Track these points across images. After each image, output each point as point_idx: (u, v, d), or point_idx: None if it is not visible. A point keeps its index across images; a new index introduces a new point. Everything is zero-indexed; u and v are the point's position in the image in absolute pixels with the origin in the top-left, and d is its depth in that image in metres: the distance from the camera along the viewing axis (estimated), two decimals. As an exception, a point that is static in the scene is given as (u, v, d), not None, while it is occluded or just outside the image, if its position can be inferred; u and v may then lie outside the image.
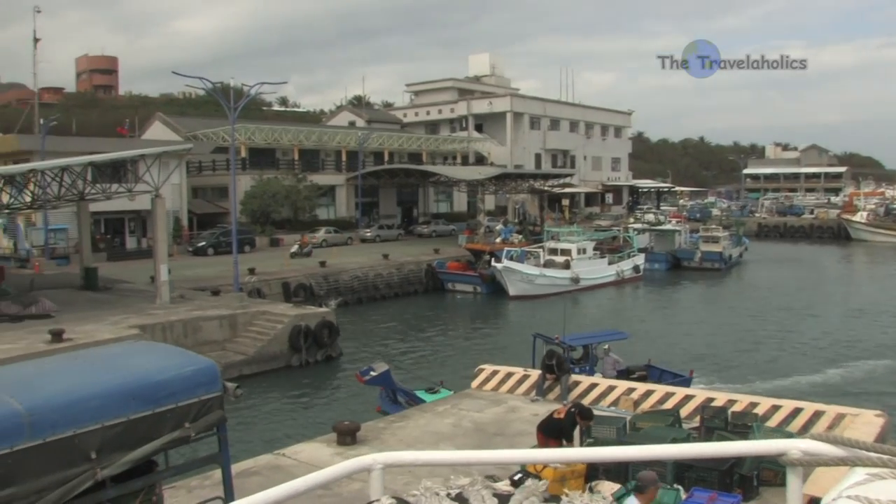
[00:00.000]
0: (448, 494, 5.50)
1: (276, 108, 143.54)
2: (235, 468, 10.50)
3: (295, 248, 55.23)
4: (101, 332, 26.86)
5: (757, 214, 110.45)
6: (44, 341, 25.35)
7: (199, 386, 8.53)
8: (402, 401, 21.86)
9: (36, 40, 70.60)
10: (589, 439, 13.49)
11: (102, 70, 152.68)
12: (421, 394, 22.35)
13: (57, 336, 25.39)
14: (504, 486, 5.95)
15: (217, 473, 12.90)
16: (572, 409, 13.63)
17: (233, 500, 9.30)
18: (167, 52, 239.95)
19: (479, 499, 5.42)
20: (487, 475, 10.78)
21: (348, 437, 15.87)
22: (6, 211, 38.51)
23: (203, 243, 59.88)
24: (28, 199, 36.88)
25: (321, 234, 66.80)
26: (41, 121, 60.40)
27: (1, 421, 7.29)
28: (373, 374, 21.68)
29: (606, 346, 24.12)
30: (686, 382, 23.68)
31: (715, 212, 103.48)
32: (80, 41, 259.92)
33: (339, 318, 34.47)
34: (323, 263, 49.37)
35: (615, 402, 17.44)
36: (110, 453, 7.84)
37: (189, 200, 67.87)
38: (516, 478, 11.20)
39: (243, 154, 71.40)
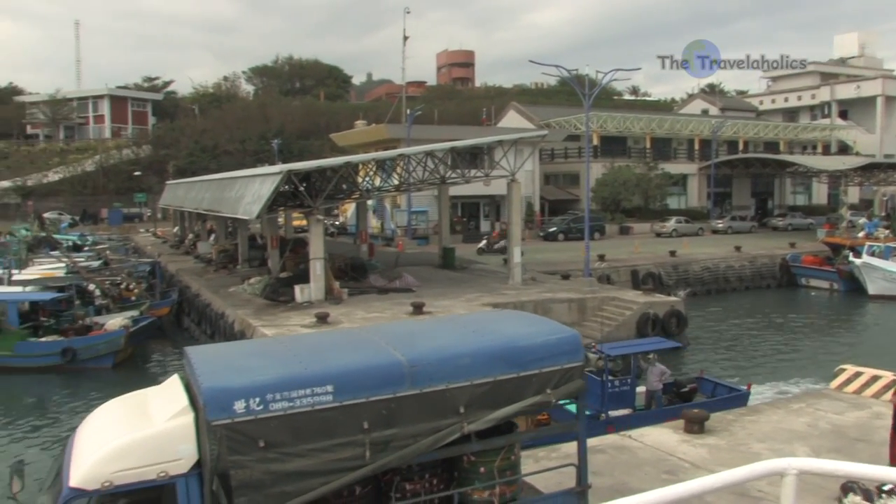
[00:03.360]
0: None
1: (627, 96, 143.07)
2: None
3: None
4: (456, 308, 28.26)
5: None
6: (406, 312, 27.21)
7: (562, 354, 8.76)
8: None
9: (405, 38, 75.88)
10: None
11: (460, 63, 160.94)
12: None
13: (418, 308, 27.13)
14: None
15: (564, 447, 13.21)
16: None
17: (587, 469, 9.47)
18: (519, 45, 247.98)
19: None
20: (850, 481, 10.09)
21: (696, 426, 15.50)
22: (376, 193, 41.73)
23: (554, 229, 61.46)
24: (395, 182, 39.73)
25: (671, 223, 66.07)
26: (407, 111, 64.79)
27: (387, 369, 8.02)
28: None
29: (651, 356, 21.52)
30: (743, 398, 21.17)
31: None
32: (440, 38, 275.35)
33: (687, 308, 33.77)
34: (673, 253, 48.69)
35: None
36: (477, 410, 8.29)
37: (541, 187, 69.74)
38: (886, 488, 10.37)
39: (595, 142, 72.00)
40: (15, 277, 35.56)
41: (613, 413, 19.06)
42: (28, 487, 8.73)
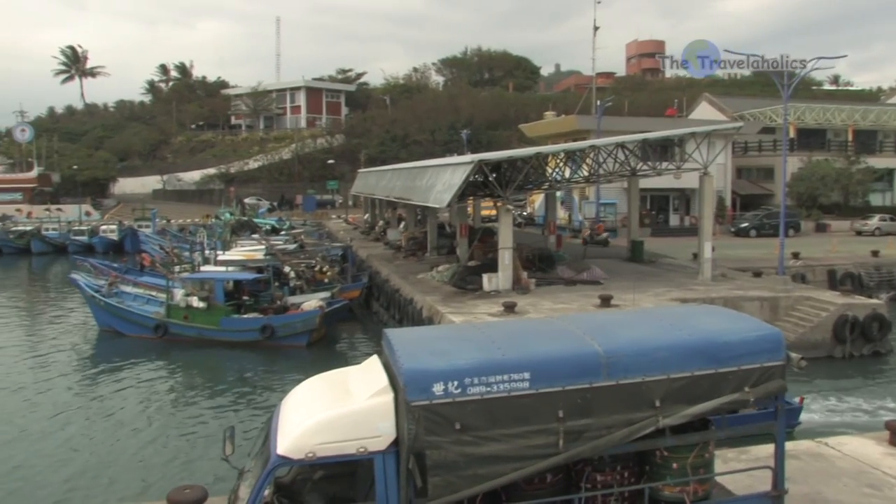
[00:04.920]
0: None
1: (827, 86, 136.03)
2: (769, 449, 10.23)
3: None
4: (644, 302, 27.74)
5: None
6: (593, 305, 27.02)
7: (762, 352, 8.53)
8: None
9: (595, 29, 75.10)
10: None
11: (650, 54, 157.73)
12: None
13: (605, 301, 26.84)
14: None
15: (753, 450, 12.79)
16: None
17: (783, 472, 9.16)
18: (712, 34, 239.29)
19: None
20: None
21: (908, 439, 14.59)
22: (566, 184, 41.60)
23: (745, 224, 59.70)
24: (585, 173, 39.47)
25: (874, 221, 62.55)
26: (597, 102, 64.20)
27: (584, 359, 8.05)
28: None
29: None
30: (794, 413, 19.50)
31: None
32: (629, 28, 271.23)
33: (890, 312, 31.89)
34: (875, 253, 45.98)
35: None
36: (672, 404, 8.21)
37: (733, 180, 67.70)
38: None
39: (792, 134, 69.02)
40: (220, 258, 37.84)
41: None
42: (237, 451, 9.33)
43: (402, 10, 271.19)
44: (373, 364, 9.10)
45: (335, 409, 8.16)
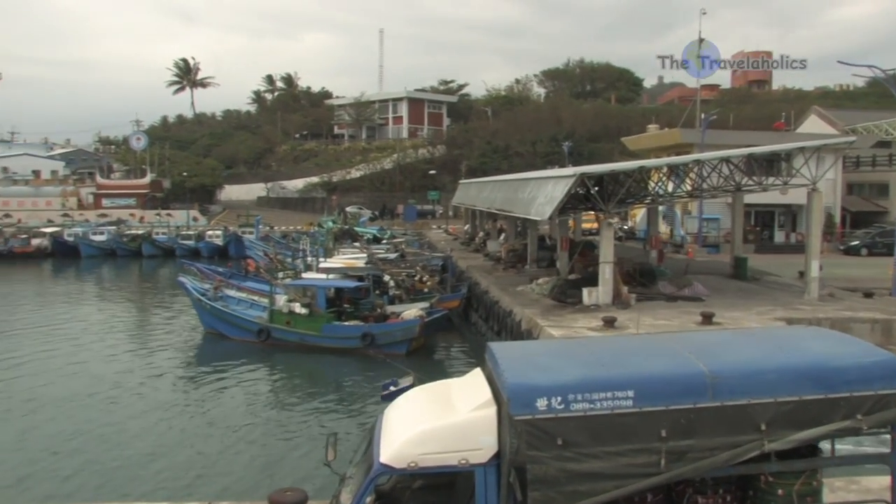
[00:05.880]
0: None
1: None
2: (882, 481, 9.81)
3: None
4: (747, 321, 27.13)
5: None
6: (695, 322, 26.42)
7: (877, 379, 8.25)
8: None
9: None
10: None
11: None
12: None
13: (707, 318, 26.26)
14: None
15: (864, 480, 12.35)
16: None
17: (901, 507, 8.81)
18: (823, 43, 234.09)
19: None
20: None
21: None
22: (668, 199, 41.02)
23: (856, 242, 57.78)
24: (688, 188, 38.85)
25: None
26: (701, 115, 63.16)
27: (689, 379, 7.96)
28: (392, 389, 17.18)
29: None
30: None
31: None
32: (734, 38, 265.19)
33: None
34: None
35: None
36: (779, 429, 8.02)
37: (843, 197, 65.67)
38: None
39: (909, 148, 66.68)
40: (321, 265, 38.56)
41: None
42: (338, 458, 9.52)
43: (502, 21, 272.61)
44: (476, 377, 9.17)
45: (438, 420, 8.26)
